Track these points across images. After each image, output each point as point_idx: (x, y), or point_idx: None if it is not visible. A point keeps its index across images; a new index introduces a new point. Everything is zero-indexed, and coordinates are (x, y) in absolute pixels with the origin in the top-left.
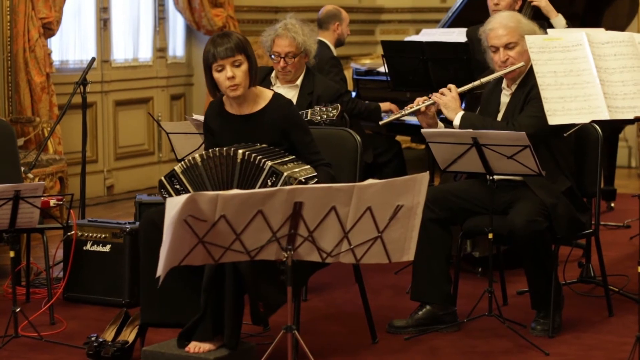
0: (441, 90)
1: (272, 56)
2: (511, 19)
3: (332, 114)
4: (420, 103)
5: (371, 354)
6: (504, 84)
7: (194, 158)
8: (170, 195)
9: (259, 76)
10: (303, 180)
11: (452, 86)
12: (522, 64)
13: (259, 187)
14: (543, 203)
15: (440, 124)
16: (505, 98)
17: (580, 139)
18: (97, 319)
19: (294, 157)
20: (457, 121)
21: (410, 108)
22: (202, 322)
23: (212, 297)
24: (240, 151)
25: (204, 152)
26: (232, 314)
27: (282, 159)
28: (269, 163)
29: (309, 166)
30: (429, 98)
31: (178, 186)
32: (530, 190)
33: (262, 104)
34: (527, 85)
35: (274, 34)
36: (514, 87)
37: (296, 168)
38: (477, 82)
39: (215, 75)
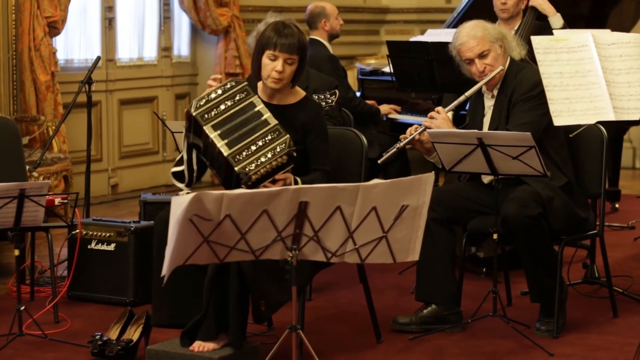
0: (430, 114)
1: None
2: (477, 28)
3: (330, 100)
4: (413, 132)
5: (375, 353)
6: (484, 89)
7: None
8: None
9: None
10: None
11: (439, 108)
12: (500, 68)
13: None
14: (538, 193)
15: None
16: (489, 102)
17: (585, 140)
18: (101, 317)
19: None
20: None
21: (404, 139)
22: (205, 321)
23: (215, 296)
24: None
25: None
26: (237, 312)
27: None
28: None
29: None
30: (420, 125)
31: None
32: (526, 184)
33: (292, 100)
34: (509, 88)
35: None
36: (495, 91)
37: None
38: (462, 98)
39: (265, 60)
